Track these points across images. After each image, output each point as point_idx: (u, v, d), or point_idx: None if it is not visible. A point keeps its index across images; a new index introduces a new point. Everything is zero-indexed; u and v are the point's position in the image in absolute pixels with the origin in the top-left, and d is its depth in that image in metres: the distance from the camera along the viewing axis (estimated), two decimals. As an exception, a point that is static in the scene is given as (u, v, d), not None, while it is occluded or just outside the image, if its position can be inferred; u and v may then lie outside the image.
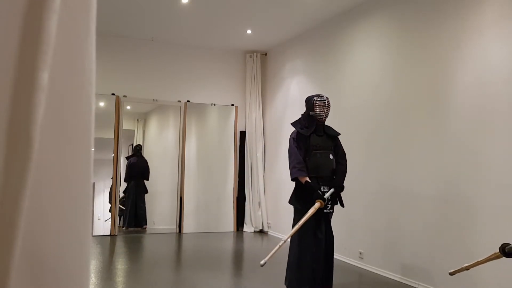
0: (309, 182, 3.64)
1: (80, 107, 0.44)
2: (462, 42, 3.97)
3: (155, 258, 5.52)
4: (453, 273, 2.94)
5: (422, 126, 4.33)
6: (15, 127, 0.35)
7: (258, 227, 7.58)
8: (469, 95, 3.87)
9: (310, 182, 3.64)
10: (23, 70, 0.36)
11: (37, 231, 0.39)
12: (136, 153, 7.66)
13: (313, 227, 3.62)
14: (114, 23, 6.56)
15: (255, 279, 4.54)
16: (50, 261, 0.41)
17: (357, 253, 5.15)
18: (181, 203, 7.37)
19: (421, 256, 4.26)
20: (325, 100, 3.84)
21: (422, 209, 4.28)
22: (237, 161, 7.81)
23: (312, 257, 3.59)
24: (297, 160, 3.70)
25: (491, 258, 2.47)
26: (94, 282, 4.22)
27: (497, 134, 3.60)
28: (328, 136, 3.89)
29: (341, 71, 5.74)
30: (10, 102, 0.35)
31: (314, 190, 3.60)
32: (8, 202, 0.35)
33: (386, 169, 4.82)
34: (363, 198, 5.09)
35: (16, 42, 0.36)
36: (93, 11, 0.45)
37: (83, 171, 0.45)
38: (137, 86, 7.22)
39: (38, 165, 0.37)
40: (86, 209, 0.45)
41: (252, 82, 7.90)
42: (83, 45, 0.44)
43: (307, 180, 3.65)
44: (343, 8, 5.63)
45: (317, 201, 3.52)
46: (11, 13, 0.36)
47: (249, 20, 6.37)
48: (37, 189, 0.38)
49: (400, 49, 4.74)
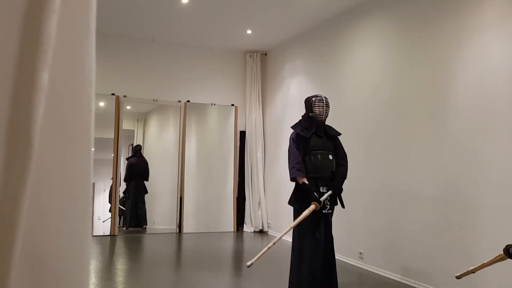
0: (306, 184, 3.63)
1: (80, 107, 0.44)
2: (462, 42, 3.97)
3: (155, 258, 5.52)
4: (459, 276, 2.94)
5: (422, 126, 4.33)
6: (15, 127, 0.35)
7: (258, 227, 7.58)
8: (469, 95, 3.87)
9: (307, 184, 3.63)
10: (23, 70, 0.36)
11: (37, 231, 0.39)
12: (136, 154, 7.66)
13: (311, 228, 3.61)
14: (114, 23, 6.56)
15: (255, 279, 4.54)
16: (50, 261, 0.41)
17: (357, 253, 5.16)
18: (181, 203, 7.37)
19: (421, 256, 4.26)
20: (324, 100, 3.80)
21: (422, 209, 4.28)
22: (237, 161, 7.82)
23: (310, 257, 3.58)
24: (296, 160, 3.69)
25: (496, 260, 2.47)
26: (94, 282, 4.22)
27: (497, 134, 3.60)
28: (328, 136, 3.86)
29: (341, 71, 5.74)
30: (10, 102, 0.35)
31: (310, 192, 3.59)
32: (8, 202, 0.35)
33: (386, 169, 4.82)
34: (363, 198, 5.09)
35: (16, 42, 0.36)
36: (93, 11, 0.45)
37: (83, 171, 0.45)
38: (137, 86, 7.22)
39: (38, 165, 0.37)
40: (86, 209, 0.45)
41: (252, 82, 7.90)
42: (83, 45, 0.44)
43: (304, 182, 3.64)
44: (343, 8, 5.63)
45: (312, 203, 3.52)
46: (11, 13, 0.36)
47: (249, 20, 6.37)
48: (37, 189, 0.38)
49: (400, 49, 4.74)
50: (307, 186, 3.62)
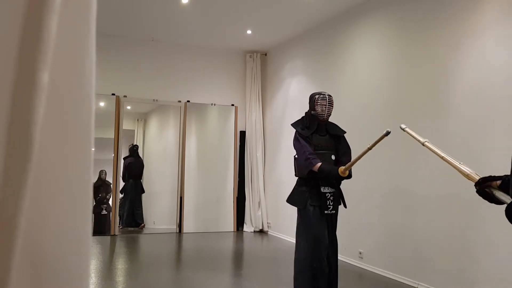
0: (323, 167, 3.42)
1: (80, 107, 0.44)
2: (462, 42, 3.97)
3: (155, 258, 5.52)
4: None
5: (422, 126, 4.33)
6: (15, 127, 0.35)
7: (258, 227, 7.58)
8: (469, 95, 3.87)
9: (323, 166, 3.43)
10: (23, 70, 0.36)
11: (37, 231, 0.39)
12: (133, 154, 7.67)
13: (315, 228, 3.55)
14: (114, 23, 6.56)
15: (255, 279, 4.54)
16: (50, 261, 0.41)
17: (357, 253, 5.16)
18: (181, 203, 7.37)
19: (421, 256, 4.26)
20: (326, 98, 3.62)
21: (422, 208, 4.28)
22: (237, 161, 7.82)
23: (312, 257, 3.55)
24: (309, 151, 3.49)
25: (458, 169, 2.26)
26: (94, 282, 4.22)
27: (497, 134, 3.60)
28: (331, 135, 3.73)
29: (341, 71, 5.74)
30: (10, 102, 0.35)
31: (332, 169, 3.44)
32: (8, 202, 0.35)
33: (385, 169, 4.82)
34: (363, 198, 5.09)
35: (16, 42, 0.36)
36: (93, 11, 0.45)
37: (83, 171, 0.45)
38: (137, 86, 7.22)
39: (38, 165, 0.37)
40: (86, 209, 0.45)
41: (252, 82, 7.90)
42: (83, 45, 0.44)
43: (319, 167, 3.42)
44: (343, 8, 5.63)
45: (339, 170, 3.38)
46: (11, 13, 0.36)
47: (249, 20, 6.37)
48: (37, 189, 0.38)
49: (400, 49, 4.74)
50: (325, 168, 3.43)
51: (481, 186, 1.86)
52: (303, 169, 3.52)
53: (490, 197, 1.84)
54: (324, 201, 3.52)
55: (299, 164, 3.60)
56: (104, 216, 7.07)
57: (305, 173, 3.50)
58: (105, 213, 7.08)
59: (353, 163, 3.38)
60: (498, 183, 1.81)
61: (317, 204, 3.51)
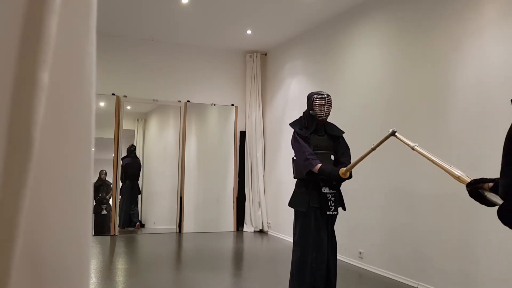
0: (323, 167, 3.35)
1: (80, 107, 0.44)
2: (462, 42, 3.97)
3: (155, 258, 5.52)
4: None
5: (422, 126, 4.33)
6: (15, 127, 0.35)
7: (258, 227, 7.58)
8: (469, 94, 3.87)
9: (324, 167, 3.36)
10: (23, 70, 0.36)
11: (37, 231, 0.39)
12: (130, 154, 7.67)
13: (315, 228, 3.52)
14: (114, 23, 6.56)
15: (255, 279, 4.54)
16: (50, 261, 0.41)
17: (357, 253, 5.16)
18: (181, 203, 7.37)
19: (421, 256, 4.26)
20: (325, 98, 3.57)
21: (422, 208, 4.28)
22: (237, 161, 7.82)
23: (311, 258, 3.53)
24: (308, 151, 3.43)
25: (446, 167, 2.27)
26: (94, 282, 4.22)
27: (497, 134, 3.60)
28: (329, 136, 3.69)
29: (341, 71, 5.74)
30: (10, 102, 0.35)
31: (332, 169, 3.37)
32: (8, 202, 0.35)
33: (385, 169, 4.82)
34: (363, 198, 5.09)
35: (16, 42, 0.36)
36: (94, 11, 0.45)
37: (83, 171, 0.45)
38: (137, 86, 7.23)
39: (38, 165, 0.37)
40: (86, 209, 0.45)
41: (252, 82, 7.91)
42: (83, 45, 0.44)
43: (319, 167, 3.35)
44: (343, 8, 5.63)
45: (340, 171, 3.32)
46: (11, 13, 0.36)
47: (249, 20, 6.37)
48: (38, 189, 0.38)
49: (400, 49, 4.74)
50: (325, 169, 3.36)
51: (473, 186, 1.84)
52: (302, 169, 3.46)
53: (482, 198, 1.84)
54: (325, 202, 3.47)
55: (298, 164, 3.56)
56: (104, 216, 7.07)
57: (303, 173, 3.44)
58: (105, 213, 7.09)
59: (355, 164, 3.29)
60: (490, 185, 1.81)
61: (318, 205, 3.47)
